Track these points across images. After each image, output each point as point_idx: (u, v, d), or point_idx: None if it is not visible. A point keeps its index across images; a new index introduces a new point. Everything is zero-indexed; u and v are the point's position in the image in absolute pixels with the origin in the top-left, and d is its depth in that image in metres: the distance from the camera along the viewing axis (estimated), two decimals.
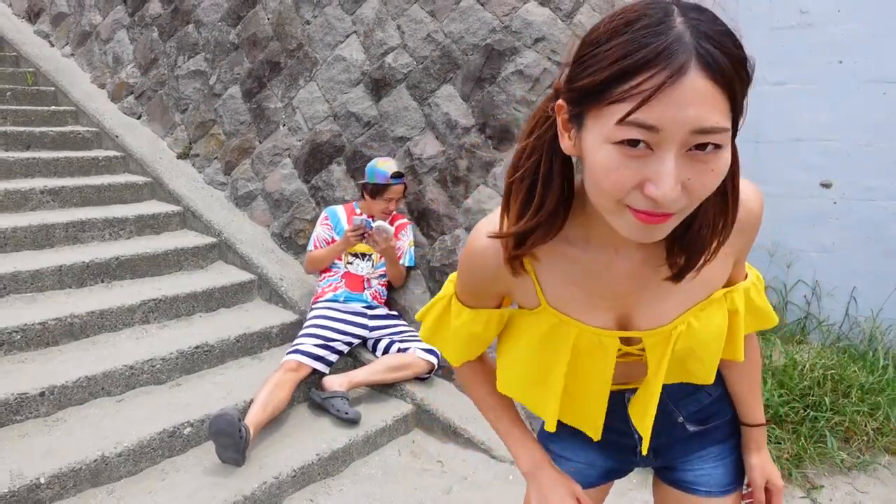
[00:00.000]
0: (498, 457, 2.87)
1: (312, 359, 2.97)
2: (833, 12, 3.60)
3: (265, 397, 2.70)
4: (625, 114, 0.67)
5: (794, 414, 2.86)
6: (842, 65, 3.60)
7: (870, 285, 3.64)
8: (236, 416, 2.43)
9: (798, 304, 3.83)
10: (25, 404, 2.50)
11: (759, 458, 1.21)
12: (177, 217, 4.09)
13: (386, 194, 3.32)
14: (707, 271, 0.91)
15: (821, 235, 3.74)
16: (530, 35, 3.42)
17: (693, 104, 0.66)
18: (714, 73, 0.67)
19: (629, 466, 1.31)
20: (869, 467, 2.81)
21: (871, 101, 3.54)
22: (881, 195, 3.56)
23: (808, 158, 3.73)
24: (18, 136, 4.25)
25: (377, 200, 3.34)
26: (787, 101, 3.76)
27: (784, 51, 3.75)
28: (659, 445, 1.20)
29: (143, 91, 4.95)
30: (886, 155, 3.53)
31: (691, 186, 0.71)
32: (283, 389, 2.79)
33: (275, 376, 2.80)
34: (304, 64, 4.18)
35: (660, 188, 0.69)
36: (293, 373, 2.85)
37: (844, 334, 3.66)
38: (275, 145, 4.21)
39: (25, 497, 2.15)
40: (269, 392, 2.72)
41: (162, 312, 3.28)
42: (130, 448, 2.41)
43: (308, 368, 2.94)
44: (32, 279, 3.12)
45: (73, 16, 5.62)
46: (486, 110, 3.45)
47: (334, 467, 2.71)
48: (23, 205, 3.68)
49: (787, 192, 3.80)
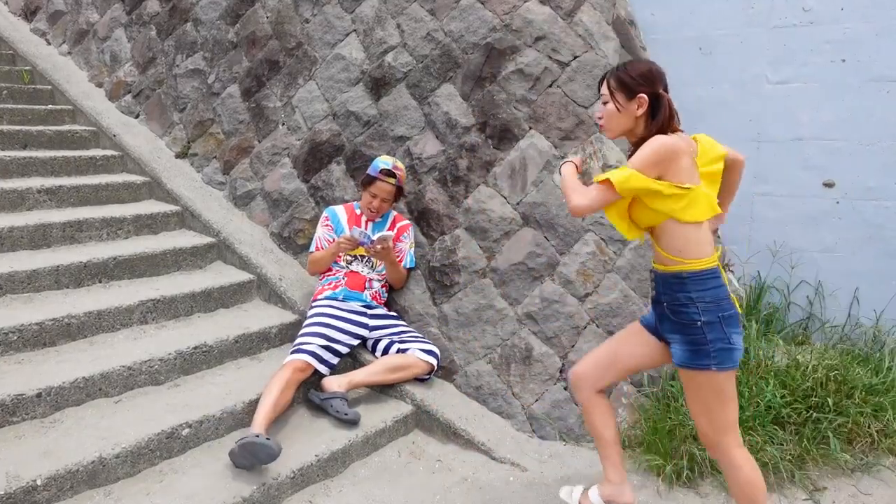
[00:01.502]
0: (498, 458, 2.85)
1: (318, 361, 2.95)
2: (836, 11, 3.58)
3: (275, 397, 2.68)
4: None
5: (796, 415, 2.84)
6: (844, 63, 3.59)
7: (872, 286, 3.62)
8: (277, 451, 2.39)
9: (801, 304, 3.82)
10: (22, 405, 2.47)
11: None
12: (175, 217, 4.06)
13: (371, 188, 3.30)
14: None
15: (823, 235, 3.72)
16: (531, 34, 3.40)
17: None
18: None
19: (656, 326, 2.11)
20: (872, 469, 2.79)
21: (874, 100, 3.53)
22: (884, 195, 3.55)
23: (811, 158, 3.72)
24: (15, 134, 4.22)
25: (364, 192, 3.33)
26: (789, 100, 3.75)
27: (786, 49, 3.73)
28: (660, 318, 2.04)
29: (141, 90, 4.92)
30: (889, 154, 3.52)
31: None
32: (291, 389, 2.77)
33: (282, 376, 2.77)
34: (304, 63, 4.16)
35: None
36: (300, 373, 2.83)
37: (847, 335, 3.64)
38: (274, 144, 4.19)
39: (22, 499, 2.13)
40: (278, 392, 2.70)
41: (160, 313, 3.25)
42: (128, 449, 2.39)
43: (313, 368, 2.92)
44: (29, 279, 3.09)
45: (70, 14, 5.59)
46: (486, 109, 3.43)
47: (333, 468, 2.69)
48: (19, 204, 3.66)
49: (790, 191, 3.79)
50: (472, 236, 3.37)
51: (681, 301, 1.92)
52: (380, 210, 3.37)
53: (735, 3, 3.86)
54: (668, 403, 2.96)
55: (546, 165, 3.28)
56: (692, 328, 1.91)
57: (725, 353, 1.89)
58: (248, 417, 2.78)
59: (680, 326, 1.94)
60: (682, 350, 1.94)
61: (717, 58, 3.95)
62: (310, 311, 3.24)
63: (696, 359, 1.91)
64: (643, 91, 1.96)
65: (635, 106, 1.98)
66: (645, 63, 2.05)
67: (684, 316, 1.92)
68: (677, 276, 1.93)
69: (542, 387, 3.07)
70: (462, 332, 3.27)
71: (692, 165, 1.93)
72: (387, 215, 3.47)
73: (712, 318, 1.89)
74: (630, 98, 1.98)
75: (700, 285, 1.90)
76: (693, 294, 1.90)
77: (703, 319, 1.89)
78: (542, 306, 3.14)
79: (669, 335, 2.00)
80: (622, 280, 3.19)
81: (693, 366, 1.92)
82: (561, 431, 2.99)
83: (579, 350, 3.06)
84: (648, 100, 1.96)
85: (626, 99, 1.99)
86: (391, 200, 3.38)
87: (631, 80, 1.97)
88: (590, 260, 3.17)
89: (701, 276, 1.91)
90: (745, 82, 3.87)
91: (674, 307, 1.95)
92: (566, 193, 2.03)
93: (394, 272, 3.35)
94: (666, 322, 2.00)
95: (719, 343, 1.89)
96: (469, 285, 3.31)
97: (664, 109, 1.95)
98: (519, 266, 3.21)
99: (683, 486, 2.67)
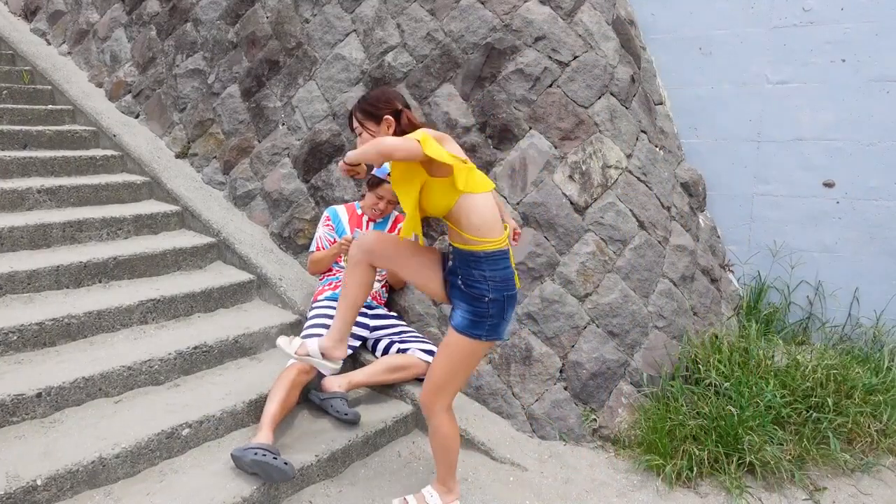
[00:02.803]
0: (498, 458, 2.85)
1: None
2: (836, 11, 3.58)
3: (282, 399, 2.67)
4: None
5: (796, 415, 2.84)
6: (845, 63, 3.59)
7: (872, 286, 3.62)
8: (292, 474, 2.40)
9: (801, 304, 3.82)
10: (22, 405, 2.47)
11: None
12: (175, 217, 4.06)
13: (378, 190, 3.30)
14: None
15: (823, 235, 3.72)
16: (531, 34, 3.40)
17: None
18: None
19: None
20: (872, 469, 2.79)
21: (874, 99, 3.53)
22: (884, 195, 3.55)
23: (811, 158, 3.72)
24: (15, 134, 4.22)
25: (369, 193, 3.33)
26: (789, 100, 3.75)
27: (786, 49, 3.74)
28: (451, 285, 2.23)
29: (141, 90, 4.92)
30: (889, 154, 3.52)
31: None
32: (297, 390, 2.77)
33: (287, 377, 2.75)
34: (304, 63, 4.16)
35: None
36: (305, 375, 2.82)
37: (847, 335, 3.65)
38: (274, 144, 4.19)
39: (22, 499, 2.13)
40: (285, 394, 2.69)
41: (160, 313, 3.25)
42: (128, 449, 2.39)
43: (316, 370, 2.91)
44: (29, 279, 3.09)
45: (70, 14, 5.59)
46: (486, 109, 3.43)
47: (333, 469, 2.69)
48: (19, 204, 3.66)
49: (790, 191, 3.79)
50: None
51: (475, 277, 2.13)
52: (384, 212, 3.37)
53: (735, 3, 3.86)
54: (668, 403, 2.96)
55: (546, 165, 3.28)
56: (480, 302, 2.13)
57: (498, 327, 2.17)
58: (248, 417, 2.79)
59: (469, 298, 2.15)
60: (462, 317, 2.16)
61: (717, 58, 3.95)
62: (311, 311, 3.24)
63: (472, 328, 2.14)
64: (386, 113, 2.21)
65: (385, 127, 2.21)
66: (380, 90, 2.31)
67: (475, 290, 2.13)
68: (474, 254, 2.12)
69: (542, 387, 3.07)
70: None
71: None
72: (388, 216, 3.47)
73: (499, 296, 2.13)
74: (378, 123, 2.22)
75: (493, 265, 2.13)
76: (487, 272, 2.12)
77: (491, 296, 2.12)
78: (542, 306, 3.14)
79: (456, 301, 2.21)
80: (622, 280, 3.19)
81: (467, 333, 2.15)
82: (561, 431, 2.99)
83: (579, 350, 3.06)
84: (393, 118, 2.20)
85: (375, 125, 2.23)
86: (396, 202, 3.38)
87: (372, 107, 2.23)
88: (590, 260, 3.17)
89: (494, 257, 2.13)
90: (745, 82, 3.88)
91: (468, 282, 2.15)
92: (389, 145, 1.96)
93: (394, 273, 3.34)
94: (456, 290, 2.20)
95: (497, 318, 2.15)
96: None
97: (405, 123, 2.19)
98: (519, 266, 3.21)
99: (683, 486, 2.67)
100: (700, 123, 4.06)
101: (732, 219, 3.99)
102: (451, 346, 2.20)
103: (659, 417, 2.86)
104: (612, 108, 3.40)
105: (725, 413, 2.77)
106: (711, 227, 3.99)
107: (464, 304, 2.17)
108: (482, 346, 2.19)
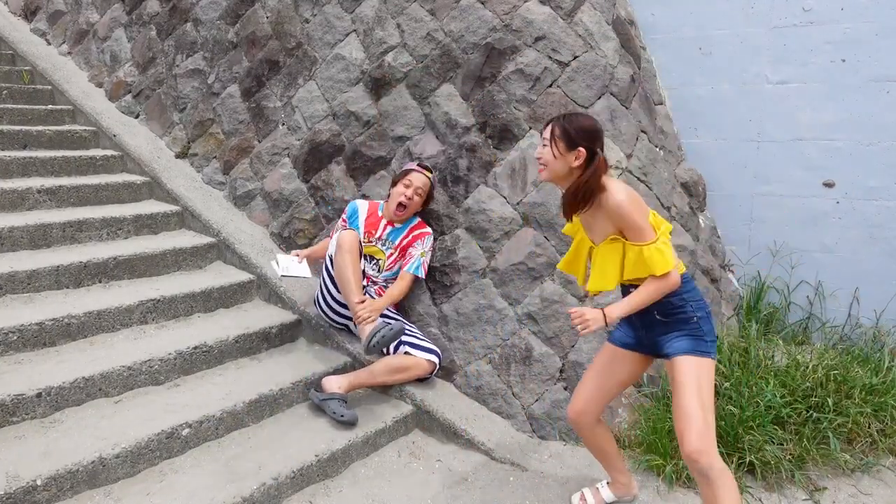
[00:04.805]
0: (498, 458, 2.85)
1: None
2: (836, 11, 3.58)
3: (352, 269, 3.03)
4: None
5: (796, 415, 2.84)
6: (844, 63, 3.59)
7: (872, 286, 3.62)
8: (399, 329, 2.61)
9: (801, 304, 3.82)
10: (22, 405, 2.47)
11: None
12: (175, 217, 4.06)
13: (406, 178, 3.29)
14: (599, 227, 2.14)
15: (823, 235, 3.72)
16: (531, 34, 3.40)
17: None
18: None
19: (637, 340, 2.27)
20: (872, 469, 2.79)
21: (874, 100, 3.53)
22: (884, 195, 3.55)
23: (811, 158, 3.72)
24: (15, 134, 4.22)
25: (397, 186, 3.31)
26: (789, 99, 3.75)
27: (786, 49, 3.74)
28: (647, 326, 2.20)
29: (141, 90, 4.92)
30: (889, 154, 3.52)
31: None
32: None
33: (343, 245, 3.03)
34: (304, 63, 4.16)
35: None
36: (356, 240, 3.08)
37: (847, 335, 3.65)
38: (274, 144, 4.19)
39: (22, 499, 2.13)
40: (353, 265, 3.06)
41: (160, 313, 3.25)
42: (128, 449, 2.39)
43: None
44: (29, 279, 3.09)
45: (70, 14, 5.59)
46: (486, 109, 3.43)
47: (333, 468, 2.69)
48: (19, 204, 3.66)
49: (789, 191, 3.79)
50: (472, 236, 3.36)
51: (674, 304, 2.11)
52: (411, 205, 3.32)
53: (735, 3, 3.86)
54: (668, 403, 2.96)
55: None
56: (689, 323, 2.11)
57: (714, 344, 2.13)
58: (248, 417, 2.79)
59: (676, 324, 2.12)
60: (683, 342, 2.09)
61: (717, 58, 3.95)
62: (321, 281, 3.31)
63: (699, 346, 2.07)
64: (583, 146, 2.07)
65: (573, 157, 2.08)
66: (591, 121, 2.12)
67: (680, 314, 2.11)
68: None
69: (542, 387, 3.07)
70: (462, 332, 3.27)
71: None
72: (408, 222, 3.41)
73: (703, 313, 2.12)
74: (570, 149, 2.08)
75: (686, 286, 2.13)
76: (685, 295, 2.12)
77: (698, 315, 2.11)
78: (542, 306, 3.14)
79: (663, 337, 2.15)
80: None
81: (698, 352, 2.06)
82: (561, 431, 2.99)
83: (579, 350, 3.06)
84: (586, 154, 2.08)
85: (566, 148, 2.09)
86: (423, 196, 3.34)
87: (575, 133, 2.08)
88: None
89: (685, 279, 2.15)
90: (745, 82, 3.88)
91: (666, 311, 2.12)
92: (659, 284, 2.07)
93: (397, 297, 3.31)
94: (658, 327, 2.16)
95: (711, 335, 2.12)
96: (469, 285, 3.31)
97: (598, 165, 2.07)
98: (519, 266, 3.21)
99: (683, 486, 2.67)
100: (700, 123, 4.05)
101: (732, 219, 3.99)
102: (687, 378, 2.02)
103: (659, 417, 2.86)
104: (612, 108, 3.40)
105: (725, 413, 2.77)
106: (711, 227, 3.99)
107: (674, 332, 2.12)
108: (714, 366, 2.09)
